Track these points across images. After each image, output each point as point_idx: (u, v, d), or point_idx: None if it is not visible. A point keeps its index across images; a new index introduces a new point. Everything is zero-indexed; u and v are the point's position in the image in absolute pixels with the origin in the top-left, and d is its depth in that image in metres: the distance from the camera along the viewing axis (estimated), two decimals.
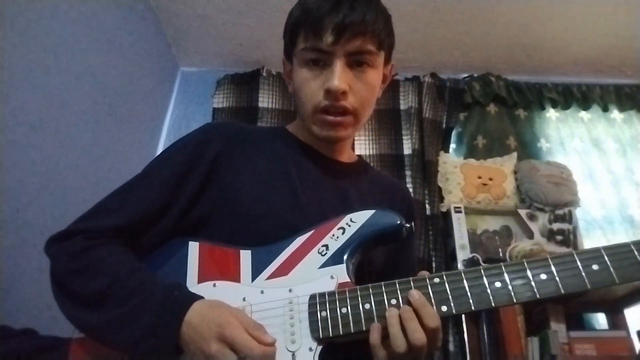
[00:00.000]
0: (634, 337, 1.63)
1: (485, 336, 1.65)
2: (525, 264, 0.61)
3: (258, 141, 0.86)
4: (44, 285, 0.71)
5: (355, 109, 0.79)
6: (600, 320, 1.87)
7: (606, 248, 0.60)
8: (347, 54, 0.76)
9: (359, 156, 0.99)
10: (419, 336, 0.58)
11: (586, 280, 0.59)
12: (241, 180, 0.78)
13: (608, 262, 0.59)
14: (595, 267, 0.59)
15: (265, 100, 2.26)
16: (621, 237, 2.08)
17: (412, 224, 0.74)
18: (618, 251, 0.60)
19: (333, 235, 0.70)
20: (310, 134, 0.85)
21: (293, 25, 0.80)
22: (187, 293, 0.64)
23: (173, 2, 2.05)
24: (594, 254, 0.60)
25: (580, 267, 0.60)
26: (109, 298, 0.63)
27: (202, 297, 0.63)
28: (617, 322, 1.76)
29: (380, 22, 0.78)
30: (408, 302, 0.61)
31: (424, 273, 0.66)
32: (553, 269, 0.60)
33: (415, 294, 0.60)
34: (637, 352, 1.58)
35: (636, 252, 0.59)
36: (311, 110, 0.79)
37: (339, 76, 0.75)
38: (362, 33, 0.75)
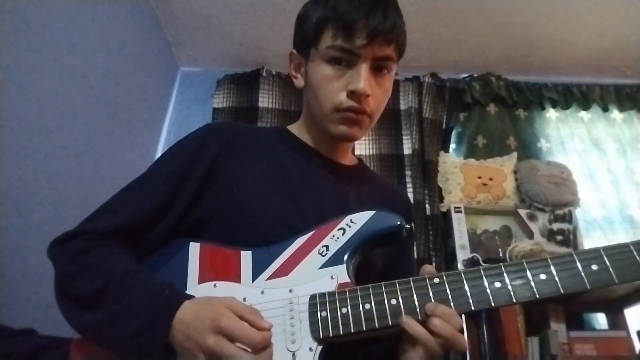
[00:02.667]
0: (634, 337, 1.63)
1: (485, 336, 1.65)
2: (525, 264, 0.62)
3: (258, 141, 0.86)
4: (44, 285, 0.72)
5: (372, 112, 0.81)
6: (600, 320, 1.87)
7: (605, 248, 0.60)
8: (374, 58, 0.78)
9: (360, 159, 0.99)
10: (456, 319, 0.60)
11: (585, 280, 0.59)
12: (241, 181, 0.78)
13: (607, 263, 0.59)
14: (594, 267, 0.59)
15: (266, 100, 2.26)
16: (621, 237, 2.08)
17: (412, 225, 0.74)
18: (617, 251, 0.60)
19: (333, 235, 0.71)
20: (316, 133, 0.86)
21: (320, 21, 0.79)
22: (177, 292, 0.63)
23: (173, 2, 2.05)
24: (594, 254, 0.60)
25: (580, 268, 0.60)
26: (103, 299, 0.63)
27: (193, 297, 0.62)
28: (617, 322, 1.76)
29: (404, 32, 0.81)
30: (425, 315, 0.60)
31: (428, 267, 0.66)
32: (552, 269, 0.60)
33: (431, 307, 0.60)
34: (637, 352, 1.58)
35: (635, 253, 0.59)
36: (330, 109, 0.79)
37: (365, 79, 0.76)
38: (391, 41, 0.77)
